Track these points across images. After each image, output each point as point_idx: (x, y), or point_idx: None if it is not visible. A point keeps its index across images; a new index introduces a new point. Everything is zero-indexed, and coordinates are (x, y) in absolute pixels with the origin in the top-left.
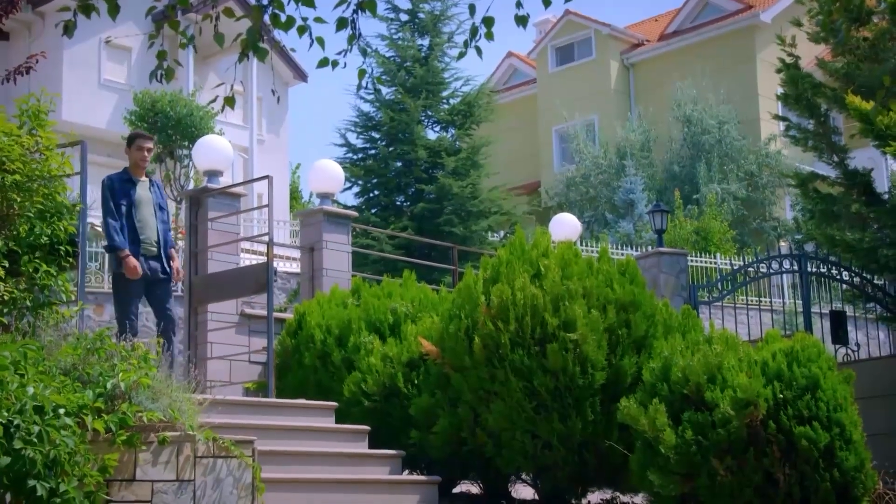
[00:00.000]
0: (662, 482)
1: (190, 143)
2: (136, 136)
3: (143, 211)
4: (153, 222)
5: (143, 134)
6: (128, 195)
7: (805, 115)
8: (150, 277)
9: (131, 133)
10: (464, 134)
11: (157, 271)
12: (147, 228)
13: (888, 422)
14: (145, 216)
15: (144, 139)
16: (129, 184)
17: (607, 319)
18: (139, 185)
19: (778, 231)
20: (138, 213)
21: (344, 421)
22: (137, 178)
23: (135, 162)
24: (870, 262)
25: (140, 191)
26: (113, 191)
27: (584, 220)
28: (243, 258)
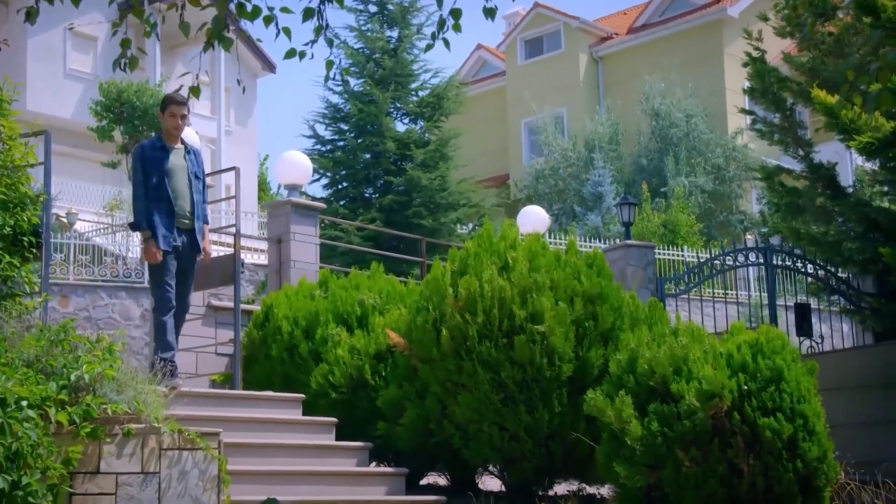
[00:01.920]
0: (628, 473)
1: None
2: (170, 101)
3: (177, 180)
4: (188, 192)
5: (177, 98)
6: (160, 164)
7: (771, 109)
8: (181, 250)
9: (165, 97)
10: (433, 126)
11: (187, 245)
12: (181, 199)
13: (851, 413)
14: (179, 186)
15: (178, 105)
16: (162, 151)
17: (574, 312)
18: (173, 153)
19: (744, 224)
20: (171, 182)
21: (311, 413)
22: (171, 145)
23: (167, 129)
24: (834, 255)
25: (174, 158)
26: (144, 160)
27: (552, 213)
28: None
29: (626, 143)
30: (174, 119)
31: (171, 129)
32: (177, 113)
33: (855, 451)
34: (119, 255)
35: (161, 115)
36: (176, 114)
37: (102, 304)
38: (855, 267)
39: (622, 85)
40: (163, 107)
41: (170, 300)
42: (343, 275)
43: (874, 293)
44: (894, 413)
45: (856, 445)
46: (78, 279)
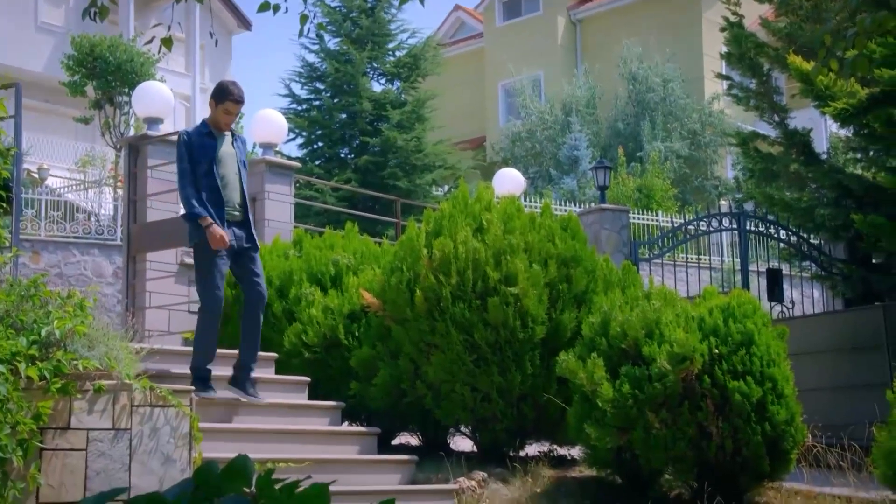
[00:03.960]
0: (599, 435)
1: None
2: (228, 97)
3: (227, 169)
4: (237, 182)
5: (236, 95)
6: (208, 151)
7: (747, 75)
8: (236, 246)
9: (222, 86)
10: (409, 87)
11: (242, 239)
12: (231, 189)
13: (819, 377)
14: (229, 175)
15: (236, 103)
16: (210, 138)
17: (548, 274)
18: (221, 140)
19: (719, 190)
20: (220, 171)
21: (284, 372)
22: (219, 132)
23: (216, 122)
24: (806, 221)
25: (223, 146)
26: (190, 147)
27: (528, 176)
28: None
29: (603, 108)
30: (229, 116)
31: (222, 124)
32: (232, 111)
33: (822, 415)
34: (92, 211)
35: (213, 104)
36: (232, 112)
37: (74, 260)
38: (827, 233)
39: (600, 48)
40: (218, 97)
41: (219, 301)
42: (317, 234)
43: (845, 259)
44: (862, 378)
45: (823, 409)
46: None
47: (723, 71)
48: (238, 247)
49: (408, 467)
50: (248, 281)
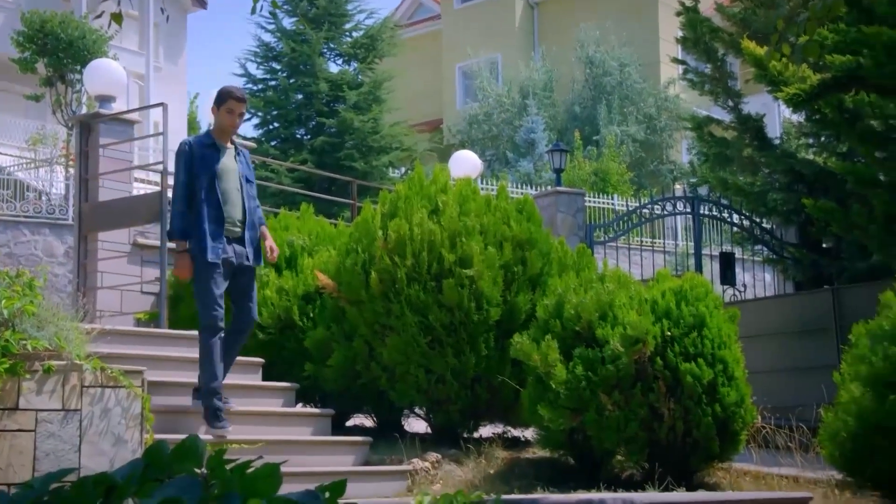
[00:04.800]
0: (552, 416)
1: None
2: (229, 96)
3: (228, 183)
4: (239, 198)
5: (238, 94)
6: (210, 164)
7: (702, 60)
8: (235, 264)
9: (223, 90)
10: (366, 68)
11: (242, 256)
12: (231, 205)
13: (769, 360)
14: (230, 190)
15: (239, 101)
16: (212, 150)
17: (503, 256)
18: (223, 153)
19: (674, 174)
20: (221, 185)
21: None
22: (223, 143)
23: (221, 126)
24: (759, 205)
25: (225, 159)
26: (191, 159)
27: (485, 159)
28: (137, 188)
29: (560, 91)
30: (231, 116)
31: (227, 127)
32: (235, 110)
33: (772, 397)
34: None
35: (215, 110)
36: (234, 111)
37: (24, 240)
38: (779, 218)
39: (557, 31)
40: (219, 101)
41: (219, 321)
42: (273, 215)
43: (796, 243)
44: (811, 360)
45: (773, 391)
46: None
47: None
48: (238, 264)
49: (362, 448)
50: (241, 305)
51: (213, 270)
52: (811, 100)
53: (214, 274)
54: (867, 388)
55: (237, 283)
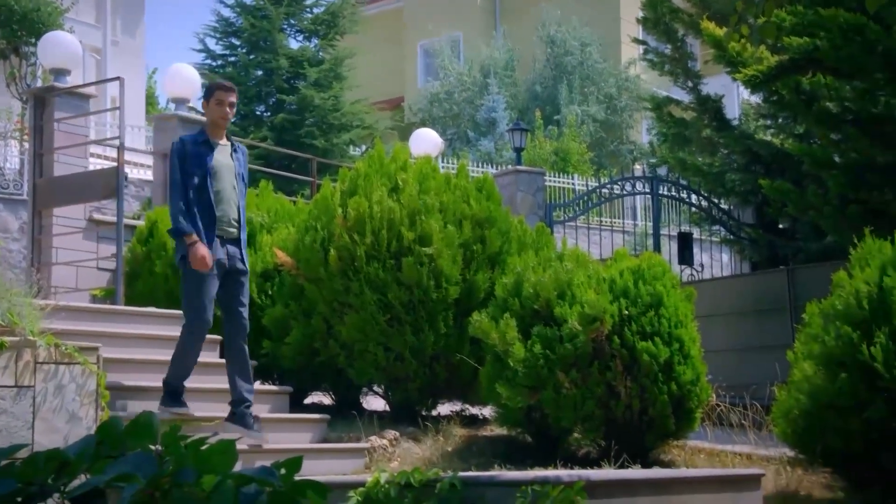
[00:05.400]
0: (510, 394)
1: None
2: (217, 87)
3: (222, 182)
4: (234, 197)
5: (225, 84)
6: (203, 162)
7: (663, 40)
8: (228, 266)
9: (210, 83)
10: (327, 45)
11: (235, 258)
12: (226, 204)
13: (725, 339)
14: (224, 189)
15: (227, 91)
16: (206, 147)
17: (463, 235)
18: (218, 150)
19: (634, 154)
20: (215, 184)
21: None
22: (216, 140)
23: (213, 120)
24: (717, 186)
25: (219, 156)
26: (184, 157)
27: (446, 138)
28: (93, 163)
29: (522, 70)
30: (221, 107)
31: (218, 119)
32: (224, 100)
33: (727, 375)
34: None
35: (205, 104)
36: (223, 101)
37: None
38: (736, 198)
39: (519, 11)
40: (207, 95)
41: (205, 324)
42: None
43: (753, 224)
44: (765, 339)
45: (728, 369)
46: None
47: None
48: (230, 266)
49: (319, 426)
50: (232, 310)
51: (201, 273)
52: (769, 81)
53: (205, 275)
54: (819, 367)
55: (228, 286)
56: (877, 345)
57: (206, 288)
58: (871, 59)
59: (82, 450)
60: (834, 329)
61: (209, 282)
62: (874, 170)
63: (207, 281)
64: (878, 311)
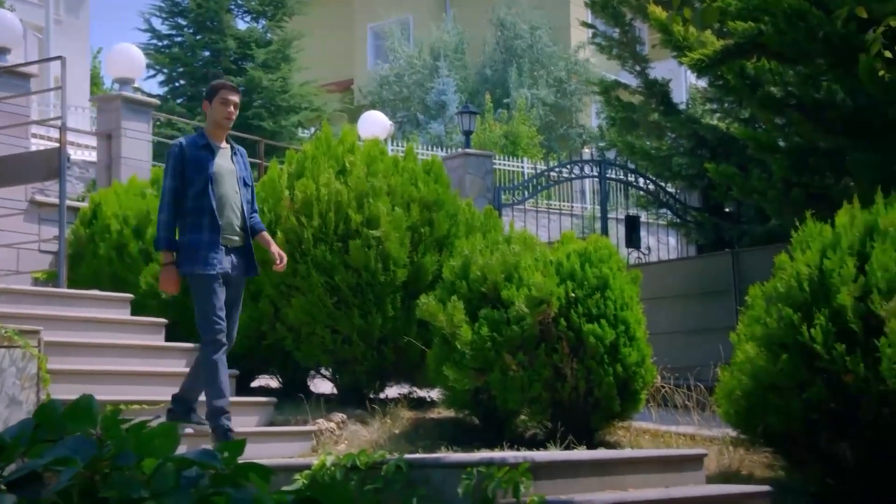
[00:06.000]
0: (457, 377)
1: None
2: (221, 87)
3: (225, 187)
4: (238, 202)
5: (228, 84)
6: (204, 167)
7: (611, 24)
8: (231, 276)
9: (212, 83)
10: (275, 25)
11: (240, 269)
12: (229, 210)
13: (671, 321)
14: (227, 194)
15: (230, 90)
16: (207, 151)
17: (411, 217)
18: (219, 154)
19: (583, 137)
20: (218, 189)
21: (140, 313)
22: (217, 143)
23: (217, 120)
24: (664, 169)
25: (220, 160)
26: (183, 161)
27: (396, 121)
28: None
29: (472, 53)
30: (225, 107)
31: (222, 120)
32: (229, 100)
33: (672, 357)
34: None
35: (207, 104)
36: (228, 101)
37: None
38: (683, 182)
39: None
40: (210, 94)
41: (221, 334)
42: None
43: (699, 207)
44: (710, 321)
45: (673, 351)
46: None
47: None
48: (235, 277)
49: (266, 409)
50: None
51: (212, 282)
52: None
53: (214, 285)
54: (761, 349)
55: (227, 298)
56: (816, 326)
57: (216, 297)
58: (813, 45)
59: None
60: (776, 311)
61: (218, 292)
62: (816, 154)
63: (216, 290)
64: (818, 294)
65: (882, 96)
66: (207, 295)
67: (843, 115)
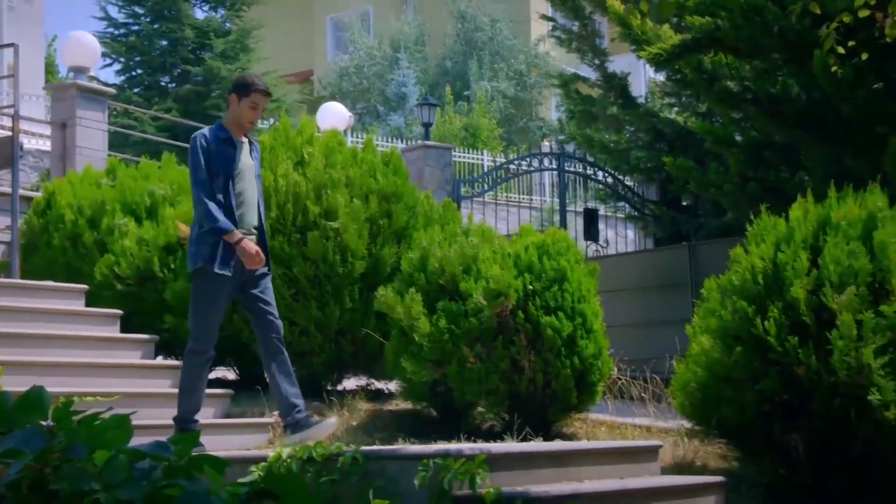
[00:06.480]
0: (415, 369)
1: None
2: (253, 89)
3: (245, 184)
4: (255, 198)
5: (262, 87)
6: (227, 161)
7: (570, 17)
8: (246, 272)
9: (249, 80)
10: (233, 15)
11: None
12: (247, 207)
13: (628, 313)
14: (247, 192)
15: (263, 96)
16: (228, 145)
17: (369, 209)
18: (239, 149)
19: (543, 130)
20: (238, 185)
21: (95, 305)
22: (238, 138)
23: (239, 121)
24: (622, 162)
25: (241, 156)
26: (207, 154)
27: (356, 112)
28: None
29: (432, 45)
30: (254, 112)
31: (245, 123)
32: (259, 105)
33: (628, 349)
34: None
35: (235, 99)
36: (258, 106)
37: None
38: (641, 175)
39: None
40: (241, 91)
41: (211, 341)
42: (134, 164)
43: (656, 200)
44: (667, 313)
45: (630, 344)
46: None
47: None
48: (254, 273)
49: (223, 401)
50: (258, 311)
51: (217, 284)
52: (672, 60)
53: (218, 289)
54: (716, 341)
55: (250, 293)
56: (770, 319)
57: (217, 304)
58: (769, 40)
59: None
60: (730, 303)
61: (221, 297)
62: (772, 148)
63: (220, 296)
64: (772, 286)
65: (835, 92)
66: (206, 302)
67: (798, 109)
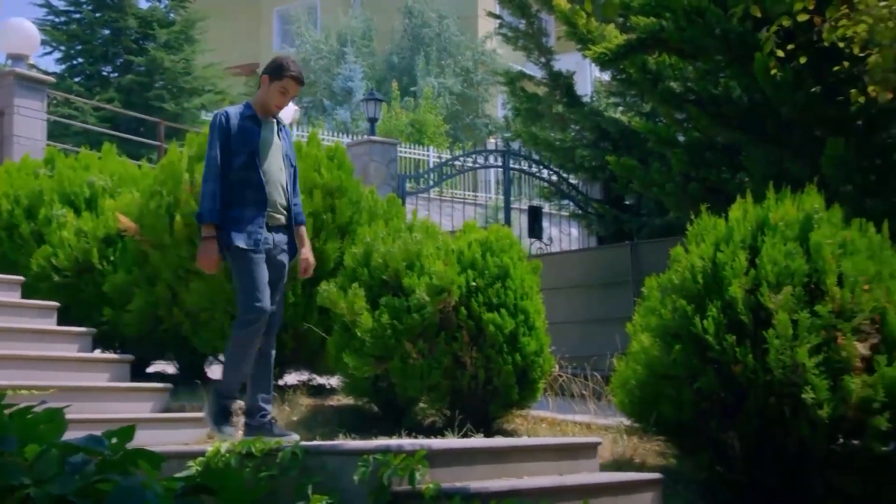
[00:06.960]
0: (357, 364)
1: None
2: (287, 74)
3: (271, 163)
4: (281, 179)
5: (297, 72)
6: (250, 139)
7: (517, 15)
8: (274, 254)
9: (280, 62)
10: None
11: (279, 249)
12: (272, 187)
13: (571, 311)
14: (272, 170)
15: (297, 82)
16: (253, 122)
17: (313, 204)
18: (265, 126)
19: (489, 127)
20: (263, 164)
21: (31, 296)
22: (264, 117)
23: (266, 104)
24: (567, 161)
25: (266, 133)
26: (226, 133)
27: (302, 106)
28: None
29: (379, 40)
30: (283, 97)
31: (273, 107)
32: (290, 91)
33: (570, 347)
34: None
35: (266, 80)
36: (289, 92)
37: None
38: (585, 173)
39: None
40: (274, 73)
41: (262, 314)
42: (73, 154)
43: (600, 199)
44: (608, 311)
45: (572, 341)
46: None
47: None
48: (277, 257)
49: (161, 395)
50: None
51: (256, 257)
52: (617, 59)
53: (253, 261)
54: (656, 339)
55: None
56: (709, 318)
57: (259, 273)
58: (711, 42)
59: None
60: (670, 302)
61: (260, 267)
62: (714, 149)
63: (257, 267)
64: (711, 286)
65: (775, 94)
66: (251, 270)
67: (740, 111)
